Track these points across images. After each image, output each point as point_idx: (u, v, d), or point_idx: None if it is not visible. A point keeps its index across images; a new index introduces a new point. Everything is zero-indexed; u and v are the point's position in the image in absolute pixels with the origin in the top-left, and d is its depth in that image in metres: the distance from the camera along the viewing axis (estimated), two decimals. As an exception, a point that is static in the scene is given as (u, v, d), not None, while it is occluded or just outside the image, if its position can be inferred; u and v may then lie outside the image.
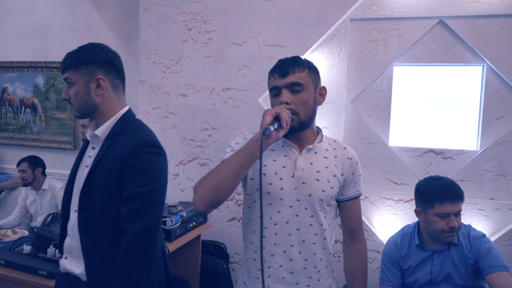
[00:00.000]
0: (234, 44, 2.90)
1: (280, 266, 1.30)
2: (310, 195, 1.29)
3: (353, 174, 1.37)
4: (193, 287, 2.75)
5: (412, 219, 2.23)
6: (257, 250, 1.32)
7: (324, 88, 1.34)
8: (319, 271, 1.33)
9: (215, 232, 3.02)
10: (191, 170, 3.07)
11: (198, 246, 2.76)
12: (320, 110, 2.79)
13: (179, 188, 3.11)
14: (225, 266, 2.83)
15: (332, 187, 1.31)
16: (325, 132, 2.78)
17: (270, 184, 1.29)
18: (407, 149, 2.78)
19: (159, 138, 1.41)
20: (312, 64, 1.33)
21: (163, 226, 2.34)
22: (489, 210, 2.58)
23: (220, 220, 3.03)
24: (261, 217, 1.14)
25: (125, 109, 1.40)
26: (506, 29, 2.53)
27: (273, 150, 1.33)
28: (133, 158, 1.25)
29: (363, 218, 2.72)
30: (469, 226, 1.80)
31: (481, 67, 2.67)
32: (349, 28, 2.76)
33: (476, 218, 2.58)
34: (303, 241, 1.29)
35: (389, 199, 2.75)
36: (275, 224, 1.29)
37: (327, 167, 1.32)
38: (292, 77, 1.25)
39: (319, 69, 2.79)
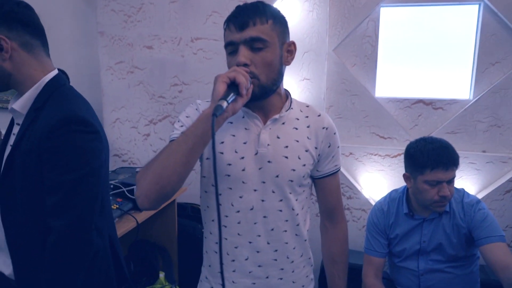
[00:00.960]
0: (202, -13, 2.56)
1: (246, 259, 1.12)
2: (277, 176, 1.08)
3: (329, 146, 1.15)
4: (171, 253, 2.62)
5: (400, 175, 2.06)
6: (218, 242, 1.13)
7: (293, 43, 1.09)
8: (292, 261, 1.15)
9: (193, 195, 2.84)
10: (163, 130, 2.83)
11: (174, 211, 2.59)
12: (299, 60, 2.52)
13: (151, 149, 2.88)
14: (203, 230, 2.69)
15: (304, 165, 1.10)
16: (305, 84, 2.58)
17: (230, 164, 1.07)
18: (395, 100, 2.56)
19: (125, 96, 1.15)
20: (278, 12, 1.06)
21: (130, 195, 2.15)
22: (480, 163, 2.42)
23: (197, 181, 2.84)
24: (218, 205, 0.91)
25: (51, 75, 1.12)
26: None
27: (231, 123, 1.10)
28: (52, 139, 1.00)
29: (348, 176, 2.56)
30: (463, 190, 1.63)
31: (477, 5, 2.39)
32: (331, -36, 2.42)
33: (466, 173, 2.43)
34: (272, 229, 1.10)
35: (375, 155, 2.57)
36: (238, 211, 1.09)
37: (297, 141, 1.10)
38: (252, 31, 0.99)
39: (297, 13, 2.47)
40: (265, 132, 1.08)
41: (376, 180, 2.57)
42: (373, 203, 2.22)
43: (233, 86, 0.93)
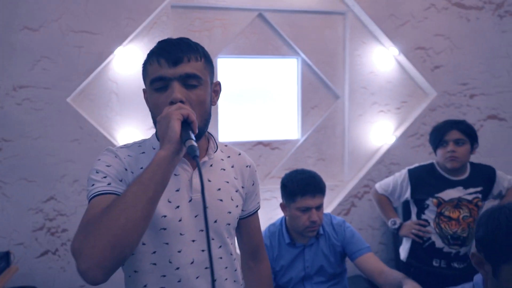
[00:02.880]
0: (26, 29, 2.24)
1: None
2: (215, 221, 1.01)
3: (253, 184, 1.15)
4: None
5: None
6: None
7: (219, 84, 1.08)
8: None
9: (24, 275, 2.33)
10: (-25, 198, 2.27)
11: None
12: (146, 108, 2.44)
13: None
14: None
15: (237, 206, 1.08)
16: (153, 131, 2.50)
17: (165, 216, 0.95)
18: (238, 144, 2.73)
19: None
20: (207, 51, 1.03)
21: None
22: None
23: (26, 257, 2.36)
24: (210, 256, 0.76)
25: None
26: (317, 24, 2.73)
27: None
28: None
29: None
30: (329, 214, 1.84)
31: (296, 59, 2.82)
32: (171, 15, 2.49)
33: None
34: (215, 280, 1.02)
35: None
36: (177, 268, 0.97)
37: (227, 182, 1.07)
38: (186, 67, 0.93)
39: (142, 60, 2.45)
40: (196, 177, 1.01)
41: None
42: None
43: (185, 125, 0.86)
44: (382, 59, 2.79)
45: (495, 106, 2.94)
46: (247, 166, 1.14)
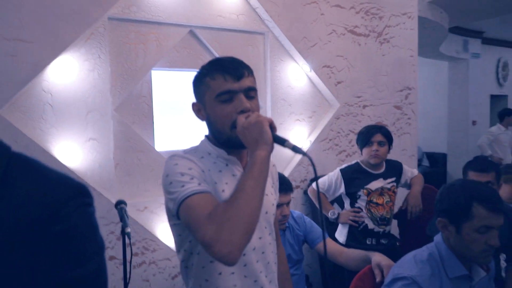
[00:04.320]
0: None
1: None
2: (266, 212, 1.20)
3: (278, 180, 1.36)
4: None
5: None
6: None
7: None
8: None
9: None
10: None
11: None
12: (83, 120, 2.40)
13: None
14: None
15: (275, 199, 1.27)
16: (92, 145, 2.45)
17: None
18: (173, 152, 2.81)
19: None
20: None
21: None
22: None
23: None
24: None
25: None
26: (241, 42, 3.00)
27: (221, 171, 1.14)
28: (62, 220, 0.74)
29: (148, 229, 2.59)
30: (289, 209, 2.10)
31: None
32: (108, 27, 2.48)
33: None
34: (268, 263, 1.19)
35: (166, 205, 2.71)
36: (244, 255, 1.12)
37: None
38: (247, 81, 1.10)
39: (75, 72, 2.45)
40: None
41: (171, 229, 2.70)
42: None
43: (271, 129, 1.03)
44: (297, 75, 3.20)
45: (380, 115, 3.60)
46: (273, 166, 1.34)
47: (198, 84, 1.16)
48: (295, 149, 1.04)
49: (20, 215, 0.73)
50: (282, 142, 1.05)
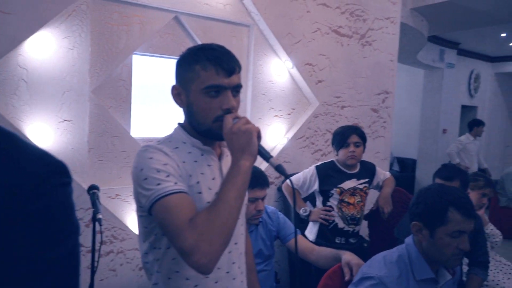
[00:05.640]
0: None
1: None
2: None
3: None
4: None
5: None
6: (198, 284, 1.10)
7: None
8: (244, 280, 1.26)
9: None
10: None
11: None
12: (59, 99, 2.33)
13: None
14: None
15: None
16: (66, 126, 2.39)
17: (209, 202, 1.09)
18: (149, 140, 2.77)
19: None
20: None
21: None
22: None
23: None
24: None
25: None
26: (226, 32, 2.97)
27: (196, 162, 1.12)
28: (38, 199, 0.71)
29: (118, 217, 2.54)
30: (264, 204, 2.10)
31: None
32: (91, 5, 2.40)
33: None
34: (240, 253, 1.19)
35: (139, 193, 2.66)
36: None
37: None
38: (236, 78, 1.09)
39: (53, 49, 2.37)
40: (223, 165, 1.17)
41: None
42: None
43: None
44: (279, 70, 3.20)
45: (357, 116, 3.65)
46: None
47: (186, 68, 1.12)
48: (278, 169, 1.05)
49: None
50: (267, 158, 1.06)
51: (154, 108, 2.87)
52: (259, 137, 1.05)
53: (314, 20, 3.28)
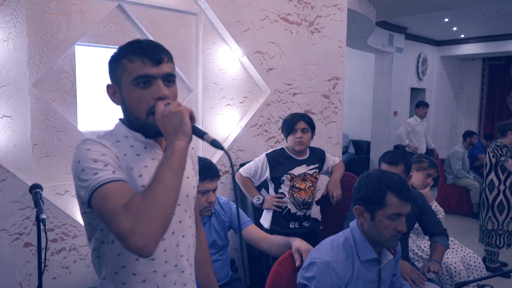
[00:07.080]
0: None
1: (175, 283, 1.14)
2: (187, 196, 1.19)
3: (197, 163, 1.35)
4: None
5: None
6: (146, 279, 1.08)
7: None
8: (192, 272, 1.26)
9: None
10: None
11: None
12: (-5, 94, 2.20)
13: None
14: None
15: (196, 181, 1.27)
16: (6, 122, 2.28)
17: None
18: (97, 132, 2.69)
19: None
20: None
21: None
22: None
23: None
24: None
25: None
26: (173, 21, 2.91)
27: (139, 155, 1.10)
28: None
29: (70, 214, 2.48)
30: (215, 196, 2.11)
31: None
32: (25, -6, 2.28)
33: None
34: (188, 246, 1.19)
35: (89, 188, 2.59)
36: (163, 240, 1.10)
37: (186, 162, 1.24)
38: (166, 67, 1.08)
39: None
40: None
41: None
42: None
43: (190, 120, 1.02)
44: (229, 59, 3.18)
45: (309, 103, 3.72)
46: (192, 148, 1.33)
47: (115, 65, 1.11)
48: (214, 144, 1.03)
49: None
50: (201, 135, 1.04)
51: (102, 101, 2.78)
52: (192, 118, 1.04)
53: (262, 8, 3.28)
